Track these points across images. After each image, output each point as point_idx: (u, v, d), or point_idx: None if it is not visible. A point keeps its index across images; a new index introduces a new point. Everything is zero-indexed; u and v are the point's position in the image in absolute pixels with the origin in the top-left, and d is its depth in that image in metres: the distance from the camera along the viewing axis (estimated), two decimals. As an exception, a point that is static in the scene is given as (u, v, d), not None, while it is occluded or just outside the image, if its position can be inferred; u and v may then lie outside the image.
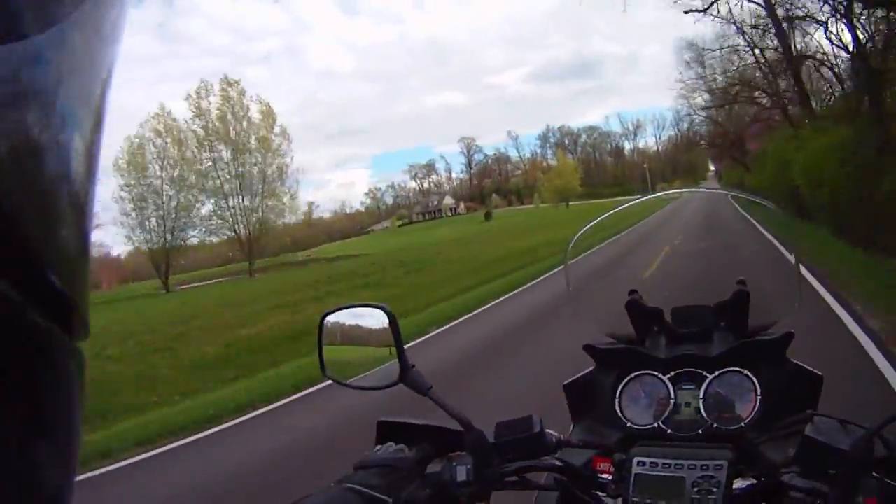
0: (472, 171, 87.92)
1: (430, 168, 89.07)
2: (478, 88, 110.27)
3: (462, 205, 77.04)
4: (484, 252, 17.76)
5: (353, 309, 0.75)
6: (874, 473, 0.57)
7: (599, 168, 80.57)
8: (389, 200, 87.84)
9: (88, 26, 0.17)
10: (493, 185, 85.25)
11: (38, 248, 0.15)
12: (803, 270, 2.65)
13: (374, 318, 0.73)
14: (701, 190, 7.15)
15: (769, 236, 5.72)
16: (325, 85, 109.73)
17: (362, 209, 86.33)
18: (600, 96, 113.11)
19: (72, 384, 0.17)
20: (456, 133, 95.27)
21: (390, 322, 0.70)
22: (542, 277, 10.20)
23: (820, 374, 0.75)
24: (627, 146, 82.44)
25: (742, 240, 4.91)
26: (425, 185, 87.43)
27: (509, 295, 9.18)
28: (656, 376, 0.79)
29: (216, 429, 4.52)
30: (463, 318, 7.69)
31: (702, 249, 1.93)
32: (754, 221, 9.17)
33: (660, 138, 77.56)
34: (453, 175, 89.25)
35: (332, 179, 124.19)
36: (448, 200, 77.58)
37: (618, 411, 0.79)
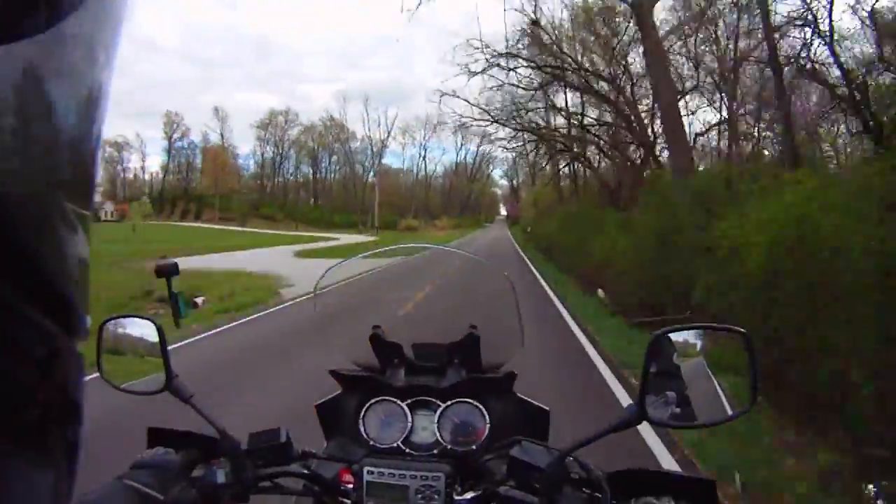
0: (170, 160, 62.80)
1: (121, 148, 62.66)
2: (290, 95, 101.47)
3: (110, 206, 55.14)
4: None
5: (129, 318, 0.80)
6: (585, 490, 0.68)
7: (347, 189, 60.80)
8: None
9: (90, 23, 0.17)
10: (178, 182, 61.59)
11: (37, 249, 0.15)
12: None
13: (145, 329, 0.78)
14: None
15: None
16: (143, 57, 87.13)
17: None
18: (404, 128, 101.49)
19: (72, 383, 0.18)
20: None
21: (158, 334, 0.75)
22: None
23: (547, 408, 0.86)
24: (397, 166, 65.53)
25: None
26: (116, 170, 62.34)
27: None
28: (395, 402, 0.87)
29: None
30: None
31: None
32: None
33: (424, 149, 61.68)
34: (146, 163, 64.69)
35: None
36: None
37: (362, 431, 0.87)
